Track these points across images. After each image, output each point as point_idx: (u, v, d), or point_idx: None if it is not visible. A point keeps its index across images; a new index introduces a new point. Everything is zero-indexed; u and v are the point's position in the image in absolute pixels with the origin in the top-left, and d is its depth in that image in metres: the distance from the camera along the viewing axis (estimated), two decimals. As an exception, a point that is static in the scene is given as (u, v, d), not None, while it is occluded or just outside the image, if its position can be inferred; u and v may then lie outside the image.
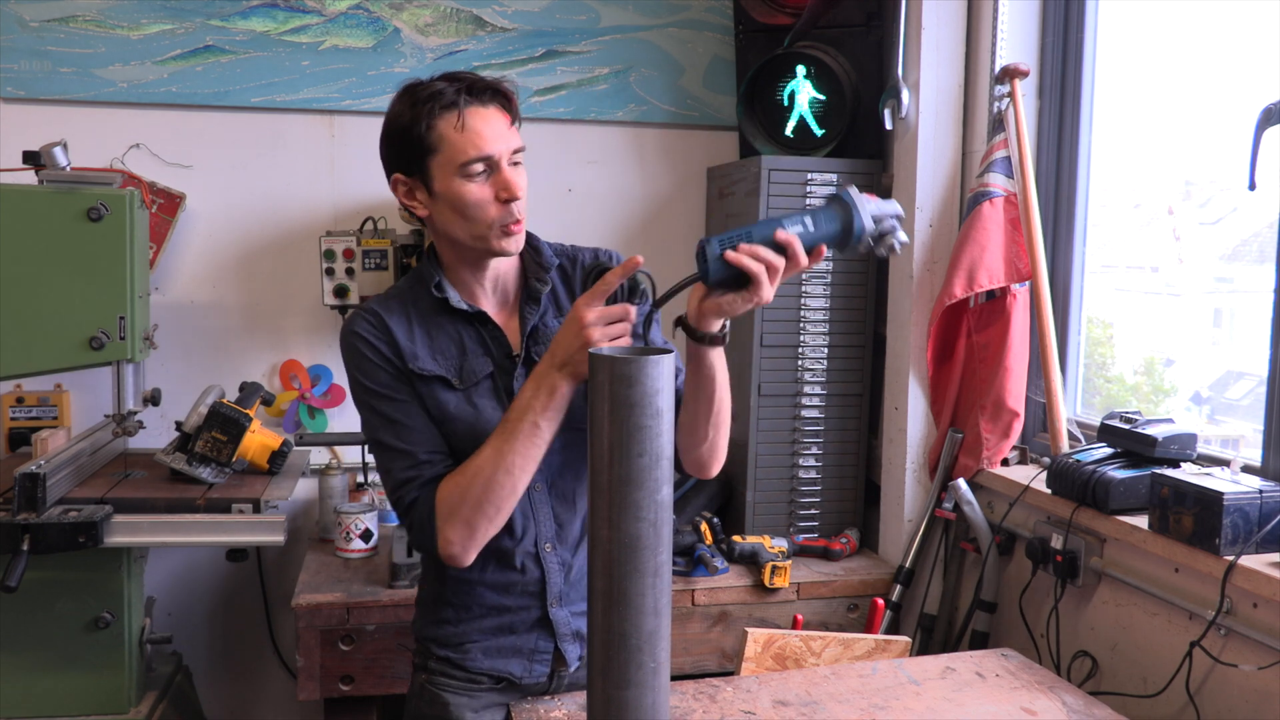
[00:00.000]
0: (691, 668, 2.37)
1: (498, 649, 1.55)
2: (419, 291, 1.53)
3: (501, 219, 1.44)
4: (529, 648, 1.56)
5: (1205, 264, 2.25)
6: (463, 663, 1.56)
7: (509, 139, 1.44)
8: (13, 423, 2.64)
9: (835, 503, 2.67)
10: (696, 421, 1.45)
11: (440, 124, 1.42)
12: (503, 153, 1.42)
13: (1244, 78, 1.99)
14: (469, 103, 1.41)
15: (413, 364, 1.48)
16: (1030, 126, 2.40)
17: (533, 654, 1.57)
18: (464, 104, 1.41)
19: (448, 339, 1.51)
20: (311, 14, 2.72)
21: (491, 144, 1.41)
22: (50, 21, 2.60)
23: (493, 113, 1.44)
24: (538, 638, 1.56)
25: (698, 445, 1.48)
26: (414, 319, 1.50)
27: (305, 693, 2.23)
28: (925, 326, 2.48)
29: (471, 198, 1.42)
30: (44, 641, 2.16)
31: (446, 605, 1.57)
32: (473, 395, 1.49)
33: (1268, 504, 1.68)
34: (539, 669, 1.57)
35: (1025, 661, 1.74)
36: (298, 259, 2.79)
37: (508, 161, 1.43)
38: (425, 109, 1.42)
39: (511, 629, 1.55)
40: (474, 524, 1.41)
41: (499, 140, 1.42)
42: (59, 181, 2.18)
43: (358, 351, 1.49)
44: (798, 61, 2.65)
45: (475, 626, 1.55)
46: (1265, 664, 1.63)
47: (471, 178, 1.42)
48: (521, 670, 1.56)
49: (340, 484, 2.65)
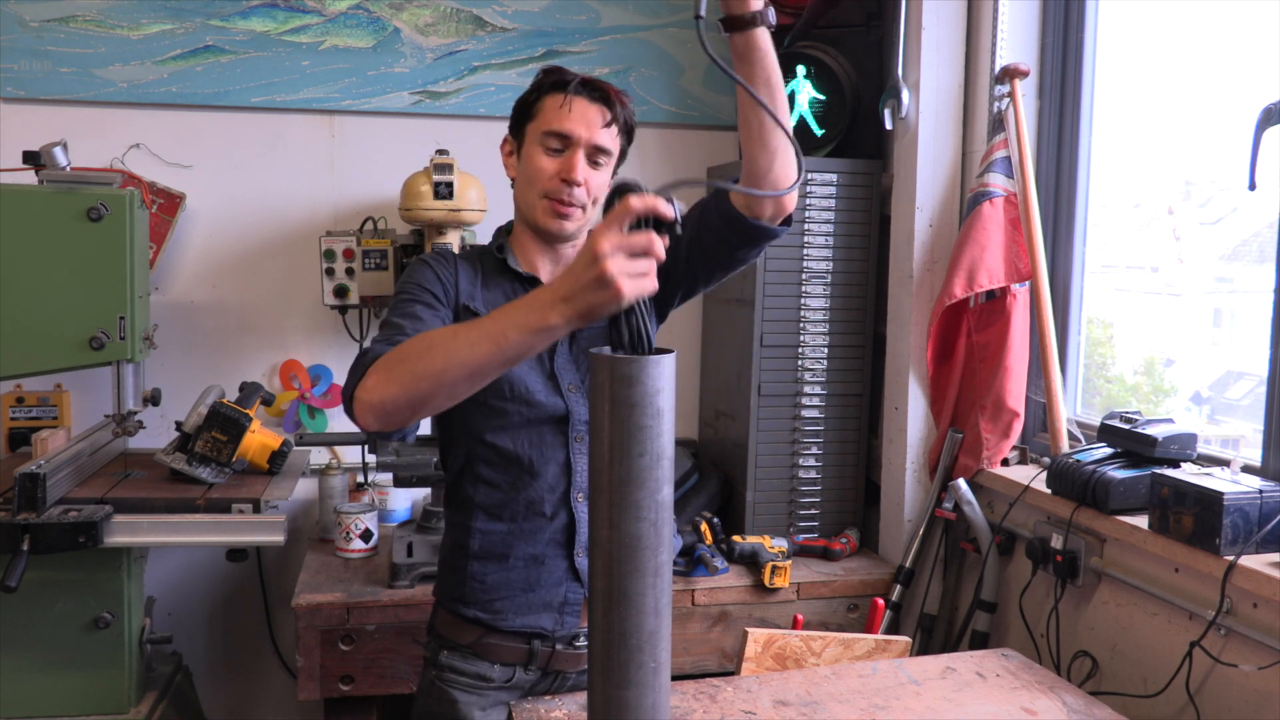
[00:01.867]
0: (691, 668, 2.37)
1: (528, 605, 1.57)
2: (486, 253, 1.64)
3: (552, 192, 1.52)
4: (558, 601, 1.58)
5: (1205, 264, 2.25)
6: (495, 624, 1.56)
7: (595, 133, 1.52)
8: (13, 423, 2.64)
9: (835, 503, 2.67)
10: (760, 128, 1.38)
11: (547, 99, 1.54)
12: (582, 138, 1.51)
13: (1244, 78, 1.99)
14: (579, 91, 1.52)
15: (466, 300, 1.56)
16: (1030, 126, 2.40)
17: (563, 606, 1.59)
18: (574, 90, 1.52)
19: (501, 295, 1.58)
20: (311, 14, 2.72)
21: (575, 126, 1.51)
22: (50, 21, 2.60)
23: (594, 108, 1.53)
24: (566, 589, 1.59)
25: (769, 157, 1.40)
26: (478, 271, 1.60)
27: (305, 693, 2.23)
28: (925, 326, 2.48)
29: (535, 163, 1.53)
30: (44, 641, 2.16)
31: (475, 560, 1.58)
32: None
33: (1268, 504, 1.68)
34: (570, 620, 1.59)
35: (1025, 661, 1.74)
36: (298, 259, 2.79)
37: (584, 150, 1.52)
38: (545, 83, 1.55)
39: (540, 582, 1.57)
40: (390, 382, 1.27)
41: (583, 127, 1.51)
42: (59, 181, 2.18)
43: (424, 264, 1.57)
44: (798, 61, 2.65)
45: (503, 580, 1.57)
46: (1265, 664, 1.63)
47: (546, 148, 1.53)
48: (553, 624, 1.58)
49: (340, 484, 2.65)
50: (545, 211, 1.54)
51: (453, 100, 2.82)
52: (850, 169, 2.57)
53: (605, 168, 1.56)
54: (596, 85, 1.54)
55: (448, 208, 2.48)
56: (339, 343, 2.84)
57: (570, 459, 1.57)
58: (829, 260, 2.57)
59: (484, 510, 1.58)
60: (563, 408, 1.56)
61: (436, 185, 2.47)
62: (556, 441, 1.56)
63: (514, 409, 1.54)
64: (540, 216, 1.54)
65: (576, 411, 1.56)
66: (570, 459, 1.57)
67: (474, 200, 2.52)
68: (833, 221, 2.56)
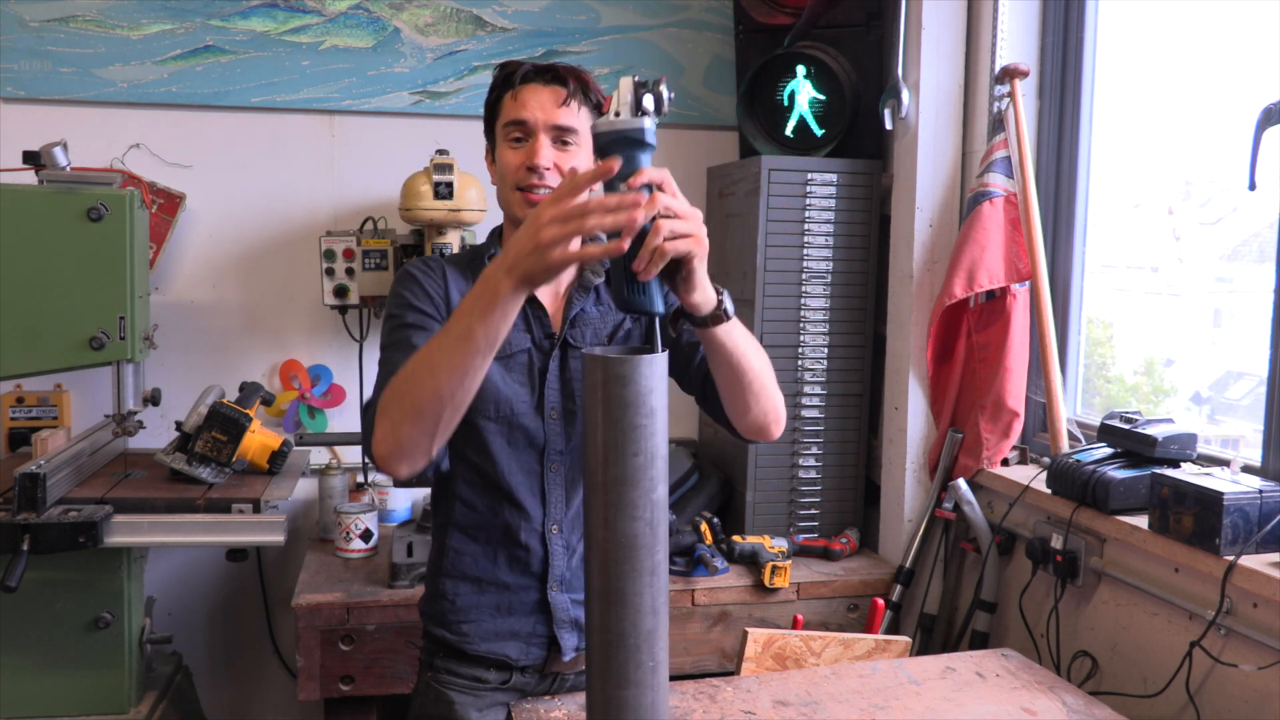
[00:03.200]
0: (691, 668, 2.37)
1: (495, 632, 1.55)
2: (479, 254, 1.60)
3: (522, 182, 1.49)
4: (526, 631, 1.56)
5: (1205, 264, 2.25)
6: (461, 646, 1.55)
7: (552, 114, 1.49)
8: (13, 423, 2.64)
9: (835, 503, 2.67)
10: (733, 396, 1.44)
11: (505, 95, 1.53)
12: (539, 121, 1.49)
13: (1244, 78, 1.99)
14: (527, 79, 1.51)
15: None
16: (1030, 126, 2.40)
17: (530, 637, 1.56)
18: (519, 79, 1.51)
19: None
20: (311, 14, 2.73)
21: (530, 112, 1.49)
22: (50, 21, 2.60)
23: (547, 90, 1.50)
24: (535, 621, 1.56)
25: (743, 415, 1.47)
26: (467, 279, 1.55)
27: (305, 693, 2.23)
28: (925, 326, 2.48)
29: (504, 159, 1.52)
30: (44, 641, 2.16)
31: (447, 578, 1.57)
32: (501, 366, 1.50)
33: (1268, 504, 1.68)
34: (535, 651, 1.57)
35: (1025, 661, 1.74)
36: (298, 259, 2.79)
37: (546, 134, 1.49)
38: (499, 79, 1.54)
39: (510, 609, 1.55)
40: (398, 424, 1.29)
41: (539, 110, 1.49)
42: (59, 181, 2.18)
43: (411, 277, 1.53)
44: (798, 61, 2.65)
45: (474, 603, 1.55)
46: (1265, 664, 1.63)
47: (509, 141, 1.51)
48: (519, 653, 1.56)
49: (340, 484, 2.65)
50: (520, 204, 1.51)
51: (453, 100, 2.82)
52: (850, 169, 2.57)
53: (576, 146, 1.51)
54: (545, 68, 1.52)
55: (448, 208, 2.48)
56: (339, 343, 2.84)
57: (545, 489, 1.54)
58: (829, 260, 2.57)
59: (460, 529, 1.57)
60: (541, 436, 1.53)
61: (436, 185, 2.47)
62: (533, 469, 1.54)
63: (495, 429, 1.51)
64: (517, 210, 1.51)
65: (554, 441, 1.53)
66: (545, 489, 1.54)
67: (474, 200, 2.52)
68: (833, 221, 2.56)
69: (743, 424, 1.49)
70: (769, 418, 1.48)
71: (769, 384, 1.46)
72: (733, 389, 1.43)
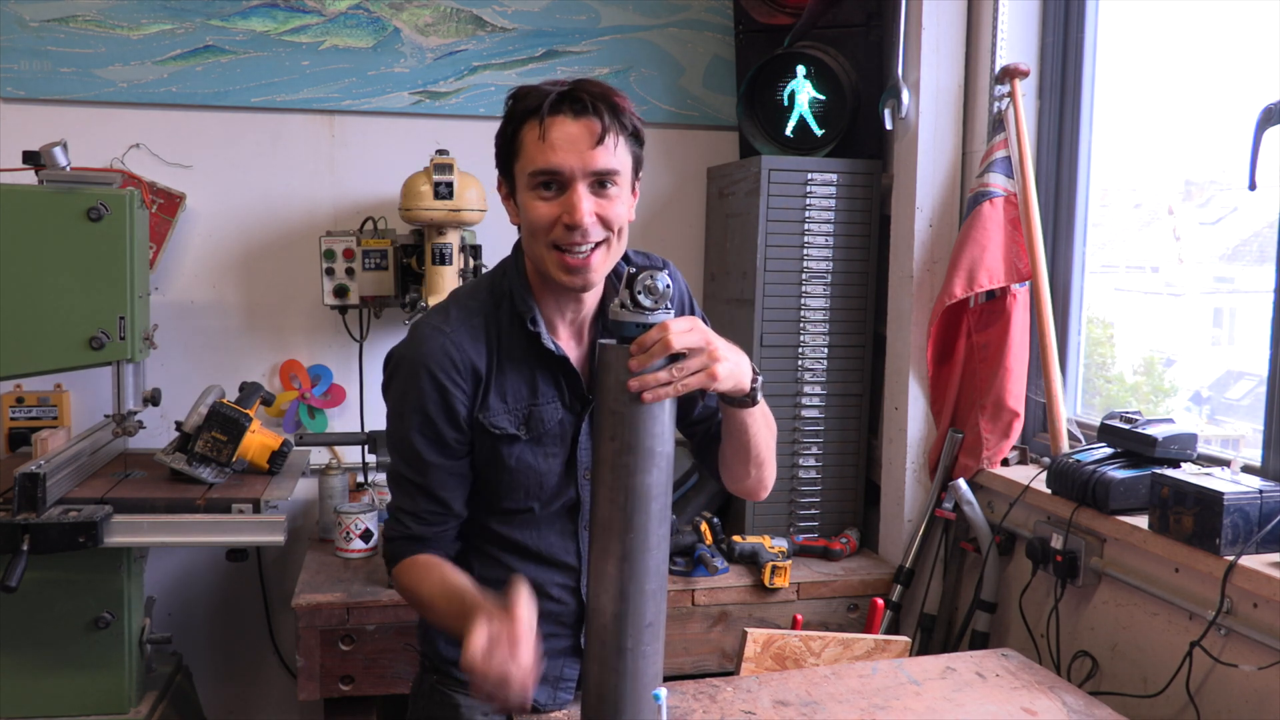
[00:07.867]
0: (691, 668, 2.37)
1: None
2: (504, 312, 1.40)
3: (559, 242, 1.30)
4: (554, 675, 1.50)
5: (1205, 264, 2.25)
6: None
7: (588, 157, 1.28)
8: (13, 423, 2.64)
9: (835, 503, 2.67)
10: (735, 463, 1.50)
11: (525, 129, 1.30)
12: (576, 170, 1.28)
13: (1244, 78, 1.99)
14: (556, 110, 1.28)
15: (482, 415, 1.38)
16: (1030, 126, 2.40)
17: (558, 681, 1.51)
18: (548, 111, 1.27)
19: (520, 378, 1.39)
20: (311, 14, 2.72)
21: (562, 158, 1.27)
22: (50, 21, 2.60)
23: (580, 125, 1.28)
24: (564, 664, 1.51)
25: (740, 481, 1.54)
26: (495, 348, 1.38)
27: (305, 693, 2.23)
28: (925, 326, 2.48)
29: (533, 212, 1.30)
30: (44, 641, 2.16)
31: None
32: (535, 445, 1.41)
33: (1268, 504, 1.68)
34: (563, 696, 1.51)
35: (1025, 661, 1.74)
36: (298, 259, 2.79)
37: (584, 181, 1.28)
38: (518, 111, 1.31)
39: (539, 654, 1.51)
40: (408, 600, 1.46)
41: (573, 156, 1.27)
42: (59, 181, 2.17)
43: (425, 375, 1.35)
44: (798, 61, 2.65)
45: None
46: (1265, 664, 1.63)
47: (539, 193, 1.30)
48: (546, 698, 1.50)
49: (340, 484, 2.64)
50: (557, 266, 1.32)
51: (453, 100, 2.82)
52: (850, 169, 2.57)
53: (617, 188, 1.31)
54: (573, 95, 1.28)
55: (448, 208, 2.48)
56: (339, 343, 2.84)
57: (580, 548, 1.48)
58: (829, 260, 2.57)
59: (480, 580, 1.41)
60: (574, 497, 1.46)
61: (436, 185, 2.47)
62: (568, 530, 1.48)
63: (528, 505, 1.44)
64: (554, 272, 1.32)
65: (586, 501, 1.45)
66: (580, 548, 1.48)
67: (474, 200, 2.52)
68: (833, 221, 2.56)
69: (734, 485, 1.56)
70: (762, 485, 1.55)
71: (770, 458, 1.52)
72: (737, 457, 1.48)
